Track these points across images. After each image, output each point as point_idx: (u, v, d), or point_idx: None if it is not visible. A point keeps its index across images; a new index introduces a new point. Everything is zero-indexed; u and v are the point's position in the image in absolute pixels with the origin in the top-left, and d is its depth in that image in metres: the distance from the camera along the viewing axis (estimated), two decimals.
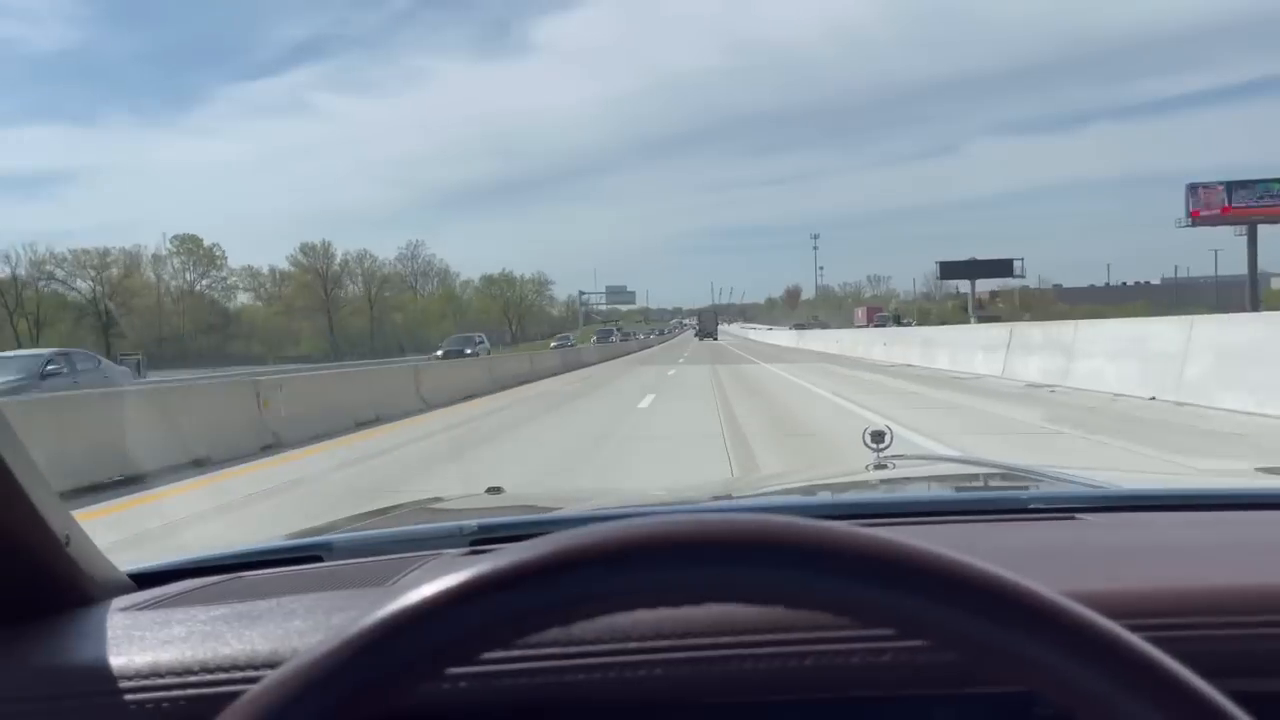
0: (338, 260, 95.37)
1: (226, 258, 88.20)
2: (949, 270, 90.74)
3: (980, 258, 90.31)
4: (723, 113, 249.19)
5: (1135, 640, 0.36)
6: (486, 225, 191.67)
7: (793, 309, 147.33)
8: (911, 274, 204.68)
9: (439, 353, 34.25)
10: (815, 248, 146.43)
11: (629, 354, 46.90)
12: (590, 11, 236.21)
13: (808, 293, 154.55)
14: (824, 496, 1.48)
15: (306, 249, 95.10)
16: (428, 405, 14.44)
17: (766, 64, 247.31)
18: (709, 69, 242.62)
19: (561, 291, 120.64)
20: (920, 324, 67.29)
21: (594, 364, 32.59)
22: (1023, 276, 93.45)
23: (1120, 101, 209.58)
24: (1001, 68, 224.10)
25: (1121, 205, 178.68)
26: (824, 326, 72.51)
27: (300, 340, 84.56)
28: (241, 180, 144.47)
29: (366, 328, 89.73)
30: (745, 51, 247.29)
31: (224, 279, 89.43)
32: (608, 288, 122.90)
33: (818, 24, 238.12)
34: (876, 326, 58.49)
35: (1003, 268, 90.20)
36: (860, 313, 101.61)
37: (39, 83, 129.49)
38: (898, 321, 75.23)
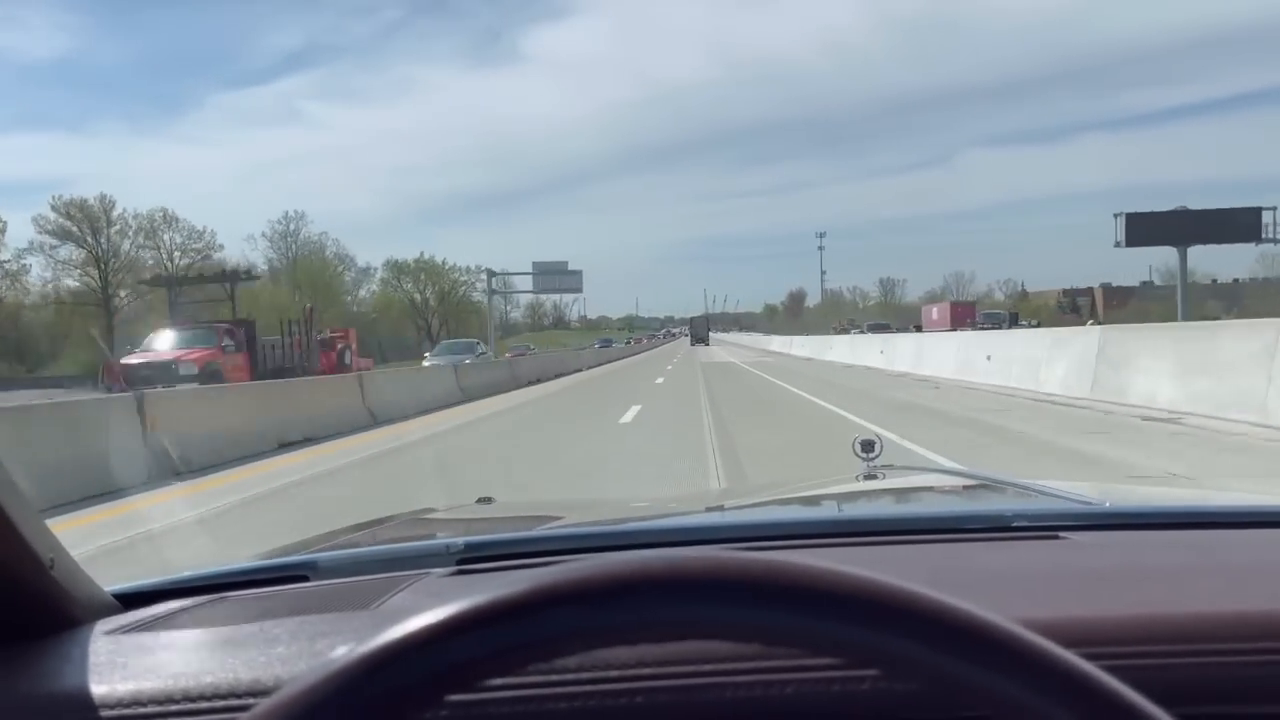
0: (117, 225, 58.38)
1: (5, 229, 55.71)
2: (1139, 230, 50.93)
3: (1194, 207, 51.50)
4: (715, 123, 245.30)
5: (1065, 655, 0.36)
6: (475, 233, 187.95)
7: (796, 316, 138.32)
8: (910, 280, 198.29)
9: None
10: (821, 247, 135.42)
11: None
12: (582, 22, 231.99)
13: (811, 298, 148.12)
14: (815, 512, 1.48)
15: (70, 207, 56.17)
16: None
17: (759, 76, 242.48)
18: (701, 80, 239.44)
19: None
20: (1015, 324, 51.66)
21: None
22: (1275, 240, 51.56)
23: (1111, 113, 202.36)
24: (993, 80, 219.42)
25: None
26: (850, 331, 56.68)
27: (72, 349, 50.23)
28: (232, 188, 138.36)
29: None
30: (738, 64, 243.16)
31: (3, 263, 55.92)
32: (535, 264, 57.33)
33: (810, 37, 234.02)
34: (985, 329, 34.85)
35: (1243, 226, 50.12)
36: (935, 311, 70.97)
37: (31, 90, 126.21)
38: (1013, 322, 57.77)
